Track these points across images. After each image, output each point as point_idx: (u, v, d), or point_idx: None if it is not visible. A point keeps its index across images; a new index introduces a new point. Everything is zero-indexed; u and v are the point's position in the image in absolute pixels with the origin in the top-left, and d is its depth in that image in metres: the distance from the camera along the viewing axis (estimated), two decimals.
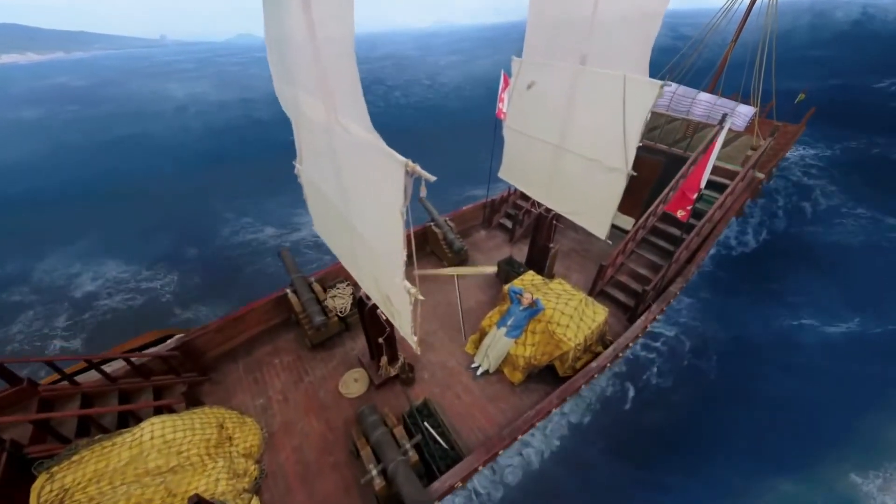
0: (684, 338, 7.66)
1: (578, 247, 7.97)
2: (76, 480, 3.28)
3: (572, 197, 5.35)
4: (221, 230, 13.01)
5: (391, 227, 2.56)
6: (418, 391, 5.06)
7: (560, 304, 5.07)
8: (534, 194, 5.95)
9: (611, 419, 6.15)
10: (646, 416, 6.31)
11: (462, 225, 8.21)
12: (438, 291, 6.69)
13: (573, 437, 5.79)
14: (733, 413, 6.43)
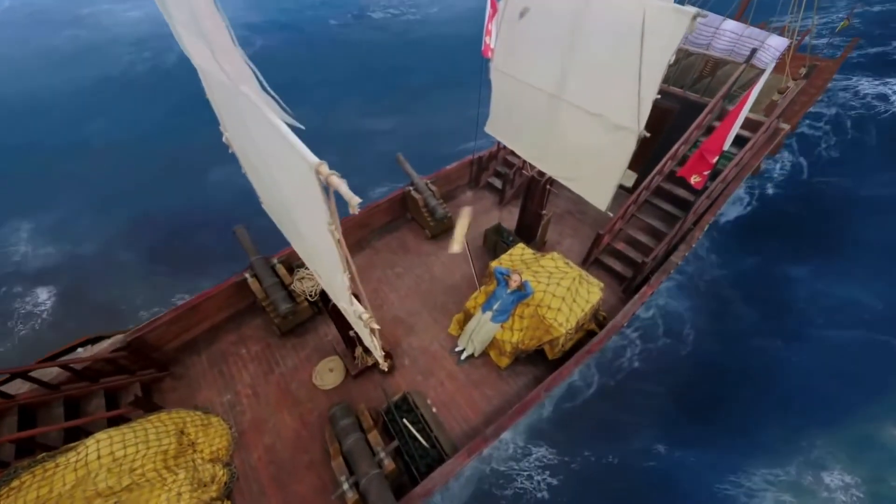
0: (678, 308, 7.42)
1: (574, 208, 7.29)
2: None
3: (569, 160, 4.56)
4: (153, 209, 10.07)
5: (327, 240, 1.90)
6: (399, 379, 4.76)
7: (552, 284, 4.57)
8: (525, 154, 5.12)
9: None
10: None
11: (447, 186, 7.38)
12: (420, 265, 6.14)
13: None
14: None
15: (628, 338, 6.97)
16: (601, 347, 4.61)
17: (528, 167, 5.58)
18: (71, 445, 3.43)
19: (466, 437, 4.26)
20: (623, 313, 4.84)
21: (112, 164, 11.65)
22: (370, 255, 6.30)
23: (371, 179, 10.97)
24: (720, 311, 7.53)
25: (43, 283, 8.38)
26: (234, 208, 9.60)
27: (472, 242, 6.51)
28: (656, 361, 6.75)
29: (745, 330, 7.26)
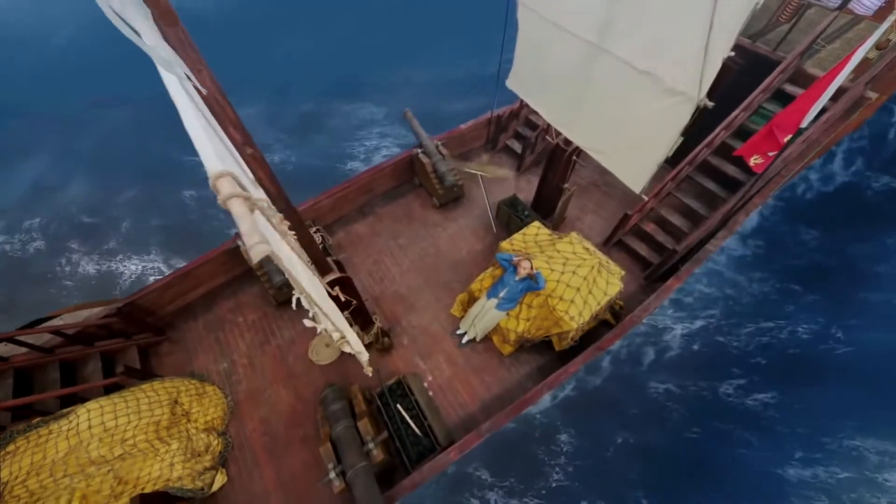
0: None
1: (600, 180, 6.53)
2: (13, 474, 3.03)
3: (603, 128, 3.85)
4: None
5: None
6: (396, 359, 4.59)
7: (566, 273, 4.11)
8: (550, 117, 4.37)
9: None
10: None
11: (461, 147, 6.65)
12: (426, 237, 5.70)
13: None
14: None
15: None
16: (614, 344, 4.25)
17: (552, 132, 4.82)
18: (64, 412, 3.43)
19: (462, 424, 4.14)
20: (643, 307, 4.39)
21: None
22: (373, 222, 5.88)
23: (376, 137, 10.20)
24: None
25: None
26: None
27: (484, 216, 5.97)
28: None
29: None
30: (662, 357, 6.58)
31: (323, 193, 5.44)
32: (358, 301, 3.92)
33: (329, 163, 9.82)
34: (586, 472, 5.65)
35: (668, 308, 7.12)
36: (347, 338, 1.98)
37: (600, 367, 6.50)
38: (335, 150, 10.11)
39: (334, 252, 5.26)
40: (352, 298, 3.78)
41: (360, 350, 2.55)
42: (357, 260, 5.44)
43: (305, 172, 9.59)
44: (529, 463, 5.76)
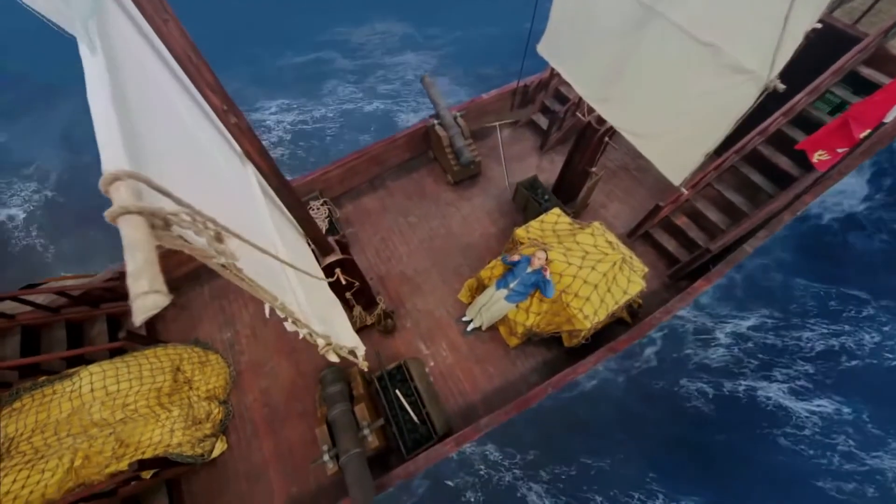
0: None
1: (631, 163, 5.99)
2: (19, 430, 3.11)
3: (646, 108, 3.38)
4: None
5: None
6: (398, 341, 4.48)
7: (585, 268, 3.79)
8: (584, 91, 3.88)
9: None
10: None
11: (479, 121, 6.16)
12: (437, 216, 5.41)
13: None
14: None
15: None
16: (628, 346, 3.99)
17: (584, 108, 4.32)
18: (69, 372, 3.48)
19: (461, 413, 4.06)
20: (664, 309, 4.07)
21: None
22: (383, 196, 5.60)
23: (390, 100, 9.58)
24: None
25: None
26: None
27: (501, 196, 5.60)
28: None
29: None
30: (703, 352, 6.23)
31: (332, 163, 5.16)
32: (361, 282, 3.74)
33: (339, 127, 9.39)
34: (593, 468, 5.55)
35: (715, 302, 6.65)
36: (335, 342, 1.80)
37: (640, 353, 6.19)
38: (344, 113, 9.63)
39: (341, 226, 5.06)
40: (354, 280, 3.61)
41: (356, 344, 2.38)
42: (364, 236, 5.23)
43: (316, 138, 9.23)
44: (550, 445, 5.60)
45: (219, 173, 1.50)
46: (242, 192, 1.76)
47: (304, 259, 2.45)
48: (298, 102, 9.93)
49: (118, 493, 3.15)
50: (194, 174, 1.27)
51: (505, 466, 5.52)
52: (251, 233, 1.65)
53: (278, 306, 1.30)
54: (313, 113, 9.69)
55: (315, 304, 1.95)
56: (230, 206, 1.45)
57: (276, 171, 2.24)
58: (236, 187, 1.65)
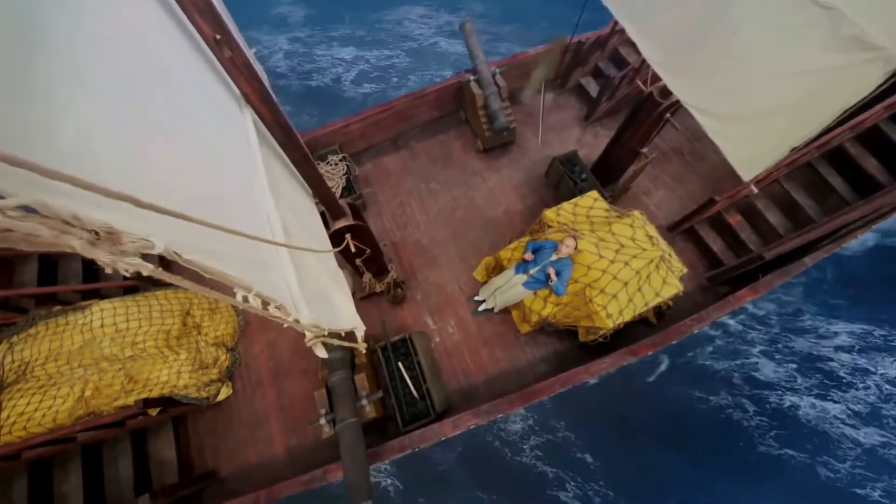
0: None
1: (686, 147, 5.29)
2: (33, 356, 3.23)
3: (730, 82, 2.79)
4: None
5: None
6: (406, 313, 4.35)
7: (617, 262, 3.42)
8: (653, 56, 3.26)
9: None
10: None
11: (521, 80, 5.48)
12: (461, 185, 5.02)
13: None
14: None
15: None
16: (650, 353, 3.69)
17: (648, 76, 3.69)
18: (82, 305, 3.53)
19: (463, 392, 3.97)
20: (697, 317, 3.69)
21: None
22: (406, 158, 5.22)
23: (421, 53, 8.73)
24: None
25: None
26: None
27: (533, 170, 5.11)
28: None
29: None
30: (747, 361, 5.85)
31: (354, 115, 4.76)
32: (373, 250, 3.53)
33: (362, 74, 8.71)
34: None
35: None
36: (329, 327, 1.59)
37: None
38: (363, 59, 8.87)
39: (358, 186, 4.77)
40: (365, 248, 3.39)
41: (356, 324, 2.20)
42: (382, 198, 4.95)
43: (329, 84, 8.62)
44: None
45: (191, 122, 1.21)
46: (230, 147, 1.48)
47: (308, 224, 2.21)
48: (312, 36, 9.18)
49: (126, 425, 3.29)
50: (132, 121, 0.98)
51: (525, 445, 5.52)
52: (235, 198, 1.39)
53: (253, 295, 1.07)
54: (333, 53, 8.99)
55: (310, 280, 1.73)
56: (202, 168, 1.19)
57: (281, 121, 1.93)
58: (219, 141, 1.37)
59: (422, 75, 8.45)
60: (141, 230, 0.68)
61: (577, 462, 5.46)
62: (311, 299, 1.58)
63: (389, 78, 8.61)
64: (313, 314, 1.45)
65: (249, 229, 1.34)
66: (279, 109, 1.89)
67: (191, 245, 0.85)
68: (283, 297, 1.33)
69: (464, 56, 4.63)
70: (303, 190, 2.46)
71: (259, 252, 1.32)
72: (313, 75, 8.70)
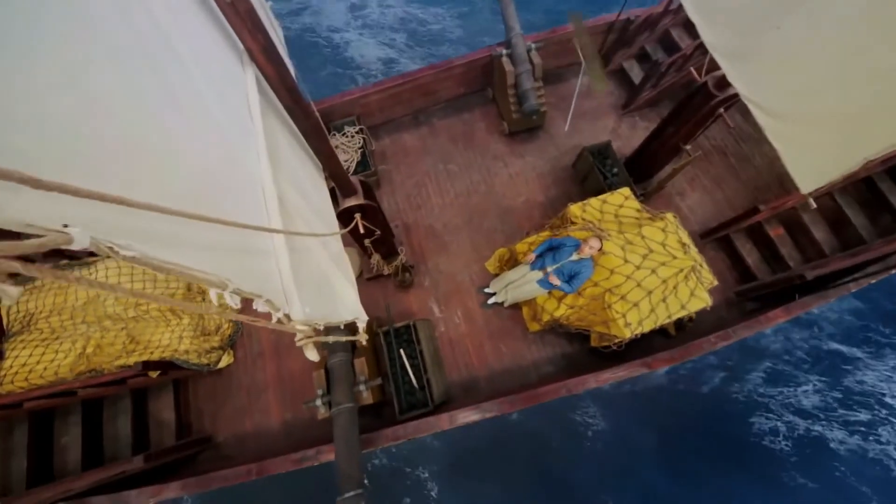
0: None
1: (731, 147, 4.85)
2: (38, 308, 3.22)
3: (806, 79, 2.43)
4: None
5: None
6: (412, 298, 4.21)
7: (643, 269, 3.16)
8: (715, 42, 2.87)
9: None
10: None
11: (559, 58, 5.04)
12: (481, 169, 4.74)
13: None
14: None
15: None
16: (666, 368, 3.48)
17: (704, 64, 3.29)
18: (88, 261, 3.49)
19: (463, 385, 3.87)
20: (722, 334, 3.44)
21: None
22: (426, 135, 4.94)
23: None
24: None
25: None
26: None
27: (560, 159, 4.77)
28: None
29: None
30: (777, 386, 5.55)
31: (373, 85, 4.48)
32: (383, 231, 3.35)
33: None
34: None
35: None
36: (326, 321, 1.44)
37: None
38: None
39: (374, 161, 4.55)
40: (375, 228, 3.21)
41: (357, 314, 2.05)
42: (397, 177, 4.72)
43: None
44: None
45: (168, 68, 1.01)
46: (223, 106, 1.28)
47: (313, 201, 2.03)
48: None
49: (127, 383, 3.30)
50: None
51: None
52: (222, 169, 1.21)
53: (230, 293, 0.91)
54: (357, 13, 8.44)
55: (309, 265, 1.57)
56: (181, 129, 0.99)
57: (289, 83, 1.70)
58: (208, 98, 1.17)
59: (456, 47, 7.94)
60: (57, 216, 0.51)
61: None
62: (308, 288, 1.41)
63: (421, 42, 8.11)
64: (307, 308, 1.29)
65: (237, 206, 1.16)
66: (287, 70, 1.67)
67: (140, 232, 0.68)
68: (271, 289, 1.17)
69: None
70: (311, 163, 2.27)
71: (246, 234, 1.15)
72: (333, 36, 8.27)
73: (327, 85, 7.57)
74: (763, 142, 4.95)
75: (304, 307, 1.28)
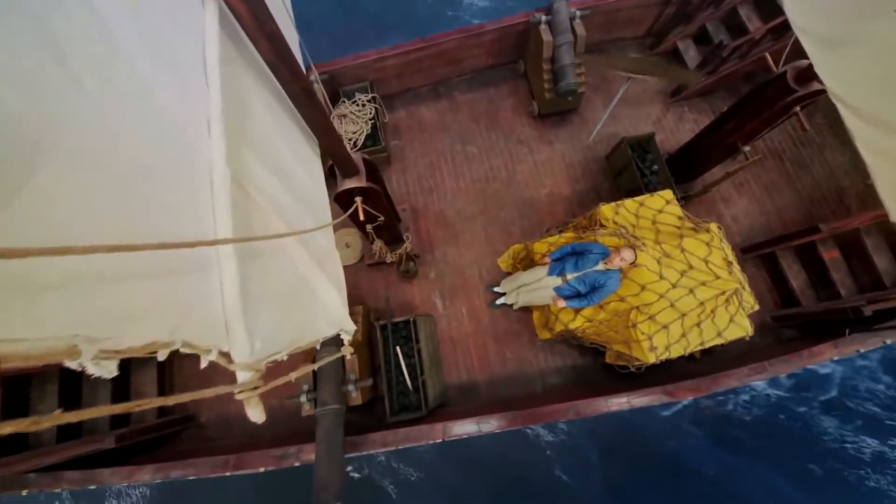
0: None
1: (789, 152, 4.26)
2: None
3: None
4: None
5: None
6: (414, 290, 3.89)
7: (680, 287, 2.75)
8: (806, 23, 2.31)
9: None
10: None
11: (605, 31, 4.40)
12: (503, 154, 4.27)
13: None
14: None
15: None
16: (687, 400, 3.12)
17: (785, 53, 2.73)
18: None
19: (460, 389, 3.61)
20: (756, 367, 3.04)
21: None
22: (445, 110, 4.44)
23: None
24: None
25: None
26: None
27: (593, 149, 4.26)
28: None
29: None
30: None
31: (391, 47, 3.95)
32: (387, 217, 2.99)
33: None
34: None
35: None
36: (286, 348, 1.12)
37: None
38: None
39: (385, 135, 4.11)
40: (378, 214, 2.85)
41: (341, 326, 1.72)
42: (410, 155, 4.28)
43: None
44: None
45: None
46: (155, 52, 0.89)
47: (296, 183, 1.66)
48: None
49: None
50: None
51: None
52: (140, 140, 0.84)
53: (91, 360, 0.57)
54: None
55: (275, 276, 1.22)
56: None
57: (269, 29, 1.29)
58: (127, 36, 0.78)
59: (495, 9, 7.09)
60: None
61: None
62: (268, 307, 1.08)
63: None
64: (258, 343, 0.96)
65: (160, 202, 0.80)
66: (268, 11, 1.26)
67: None
68: (197, 321, 0.83)
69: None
70: (303, 137, 1.88)
71: (174, 239, 0.79)
72: None
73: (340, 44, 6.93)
74: (826, 147, 4.37)
75: (254, 341, 0.95)
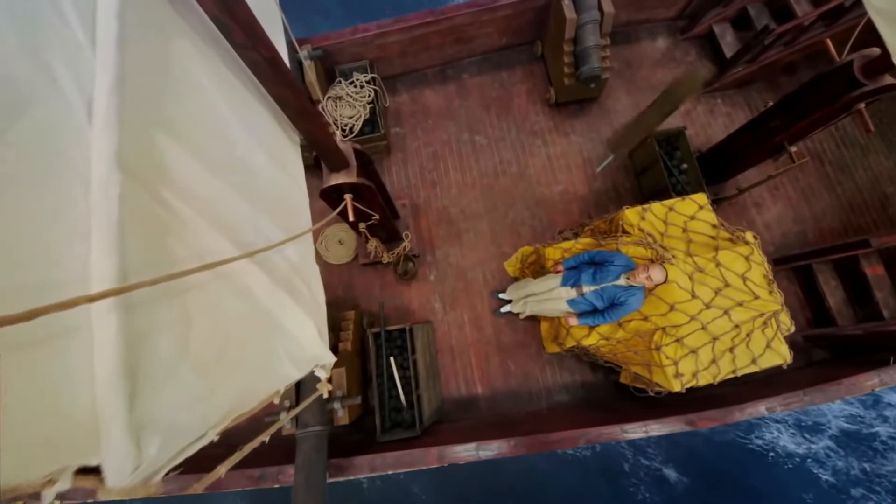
0: None
1: (831, 154, 3.85)
2: None
3: None
4: None
5: None
6: (412, 293, 3.56)
7: (714, 308, 2.40)
8: (889, 9, 1.89)
9: None
10: None
11: (635, 10, 3.93)
12: (515, 145, 3.87)
13: None
14: None
15: None
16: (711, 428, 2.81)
17: (850, 42, 2.31)
18: None
19: (458, 403, 3.31)
20: (787, 397, 2.70)
21: None
22: (453, 94, 4.03)
23: None
24: None
25: None
26: None
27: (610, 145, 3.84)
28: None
29: None
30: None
31: (394, 20, 3.51)
32: (383, 216, 2.64)
33: None
34: None
35: None
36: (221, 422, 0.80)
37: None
38: None
39: (385, 121, 3.72)
40: (372, 213, 2.50)
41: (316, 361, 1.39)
42: (413, 144, 3.89)
43: None
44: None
45: None
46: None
47: (255, 186, 1.31)
48: None
49: None
50: None
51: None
52: None
53: None
54: None
55: (211, 313, 0.89)
56: None
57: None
58: None
59: None
60: None
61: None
62: (183, 376, 0.74)
63: None
64: (153, 442, 0.63)
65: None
66: None
67: None
68: (36, 429, 0.50)
69: None
70: (272, 119, 1.51)
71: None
72: None
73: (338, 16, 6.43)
74: (871, 151, 3.94)
75: (146, 444, 0.61)
